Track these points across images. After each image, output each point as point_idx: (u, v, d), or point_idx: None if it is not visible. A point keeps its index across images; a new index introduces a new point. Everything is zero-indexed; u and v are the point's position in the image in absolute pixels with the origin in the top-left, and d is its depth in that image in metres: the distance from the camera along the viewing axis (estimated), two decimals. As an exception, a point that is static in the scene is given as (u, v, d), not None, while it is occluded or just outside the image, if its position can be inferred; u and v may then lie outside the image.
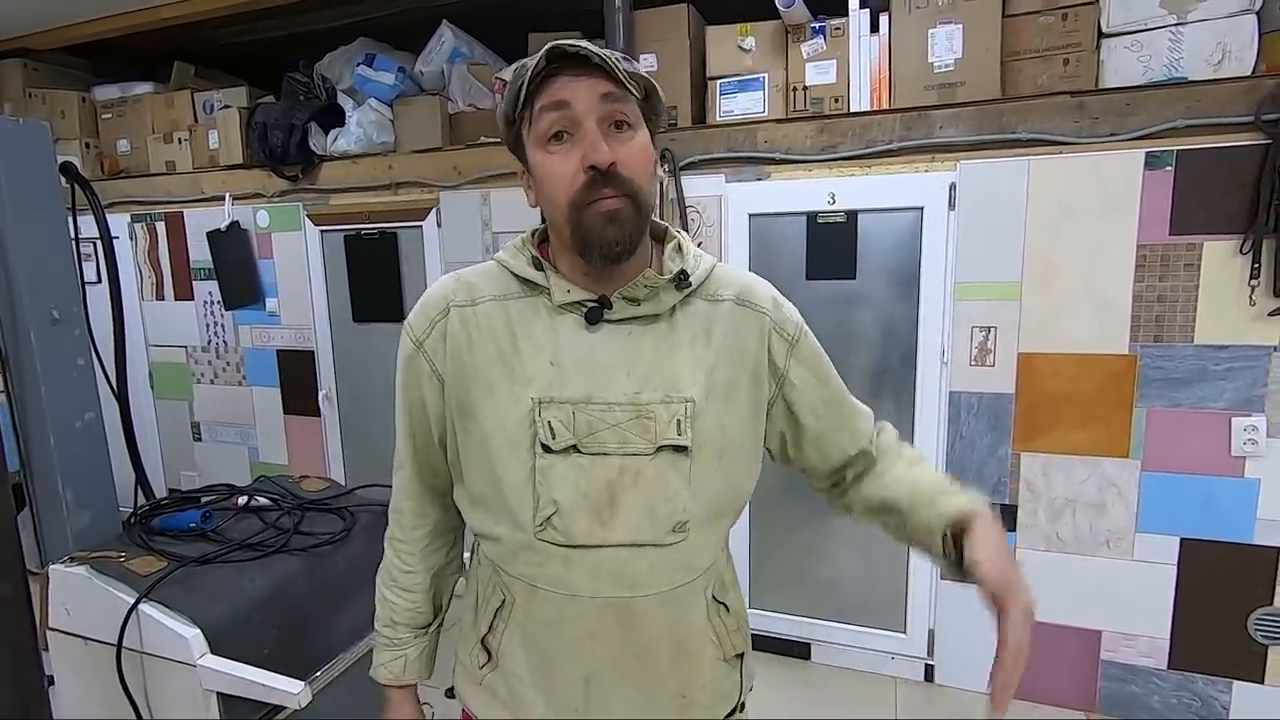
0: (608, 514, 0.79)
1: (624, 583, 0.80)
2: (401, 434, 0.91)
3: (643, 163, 0.79)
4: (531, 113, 0.78)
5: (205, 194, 3.06)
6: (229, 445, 3.24)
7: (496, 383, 0.81)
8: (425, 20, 2.86)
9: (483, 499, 0.84)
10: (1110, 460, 2.02)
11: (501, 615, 0.86)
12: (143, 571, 1.37)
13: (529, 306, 0.83)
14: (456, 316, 0.84)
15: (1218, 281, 1.87)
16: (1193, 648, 2.01)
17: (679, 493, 0.81)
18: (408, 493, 0.94)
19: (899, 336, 2.18)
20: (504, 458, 0.80)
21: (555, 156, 0.77)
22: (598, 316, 0.81)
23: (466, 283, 0.86)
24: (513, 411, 0.80)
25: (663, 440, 0.80)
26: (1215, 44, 1.87)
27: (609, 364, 0.81)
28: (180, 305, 3.20)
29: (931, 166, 2.09)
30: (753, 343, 0.86)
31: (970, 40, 2.04)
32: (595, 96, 0.75)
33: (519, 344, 0.82)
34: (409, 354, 0.87)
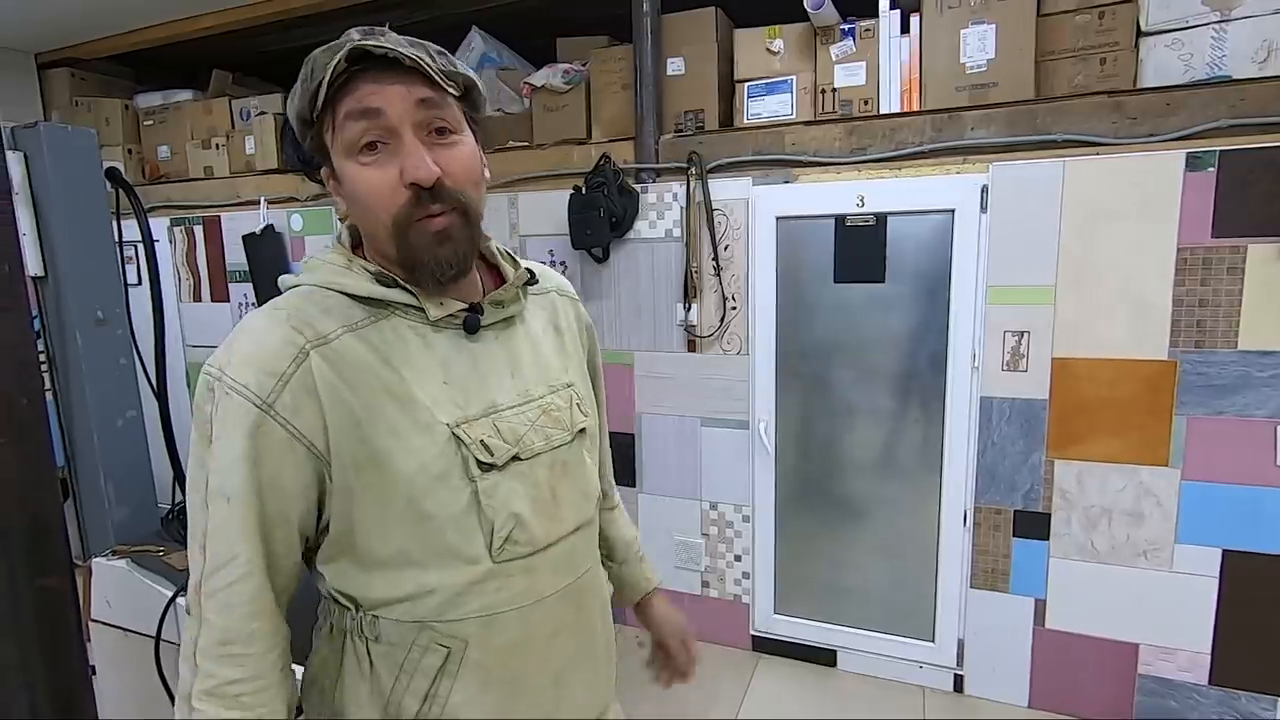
0: (554, 509, 0.80)
1: (573, 566, 0.84)
2: (237, 531, 0.69)
3: (469, 172, 0.73)
4: (335, 118, 0.70)
5: (241, 198, 3.13)
6: (262, 444, 3.30)
7: (397, 421, 0.71)
8: (454, 26, 2.89)
9: (397, 558, 0.73)
10: (1148, 469, 1.97)
11: (446, 672, 0.75)
12: (181, 566, 1.41)
13: (386, 329, 0.74)
14: (320, 360, 0.69)
15: (1263, 285, 1.81)
16: (1236, 663, 1.95)
17: (591, 470, 0.87)
18: (255, 609, 0.70)
19: (929, 341, 2.16)
20: (435, 496, 0.72)
21: (370, 169, 0.70)
22: (476, 325, 0.77)
23: (302, 317, 0.71)
24: (430, 445, 0.72)
25: (576, 425, 0.84)
26: (1260, 41, 1.82)
27: (493, 370, 0.79)
28: (217, 307, 3.28)
29: (963, 168, 2.06)
30: (575, 326, 0.95)
31: (1004, 40, 2.01)
32: (411, 102, 0.69)
33: (402, 373, 0.73)
34: (252, 421, 0.67)
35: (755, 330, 2.33)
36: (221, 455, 0.69)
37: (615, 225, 2.38)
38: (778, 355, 2.32)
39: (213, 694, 0.69)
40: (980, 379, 2.10)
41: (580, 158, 2.49)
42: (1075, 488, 2.04)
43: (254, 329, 0.72)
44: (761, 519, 2.42)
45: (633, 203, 2.40)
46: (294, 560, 0.75)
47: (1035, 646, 2.14)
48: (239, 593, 0.69)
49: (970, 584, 2.19)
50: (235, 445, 0.68)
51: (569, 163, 2.51)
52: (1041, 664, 2.14)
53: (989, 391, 2.10)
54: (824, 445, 2.33)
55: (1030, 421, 2.06)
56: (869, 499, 2.30)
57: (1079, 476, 2.04)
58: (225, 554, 0.69)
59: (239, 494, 0.69)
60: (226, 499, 0.69)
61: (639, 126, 2.39)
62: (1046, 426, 2.05)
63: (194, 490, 0.71)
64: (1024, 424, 2.07)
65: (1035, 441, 2.07)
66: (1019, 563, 2.13)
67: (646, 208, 2.41)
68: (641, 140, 2.40)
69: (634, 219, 2.41)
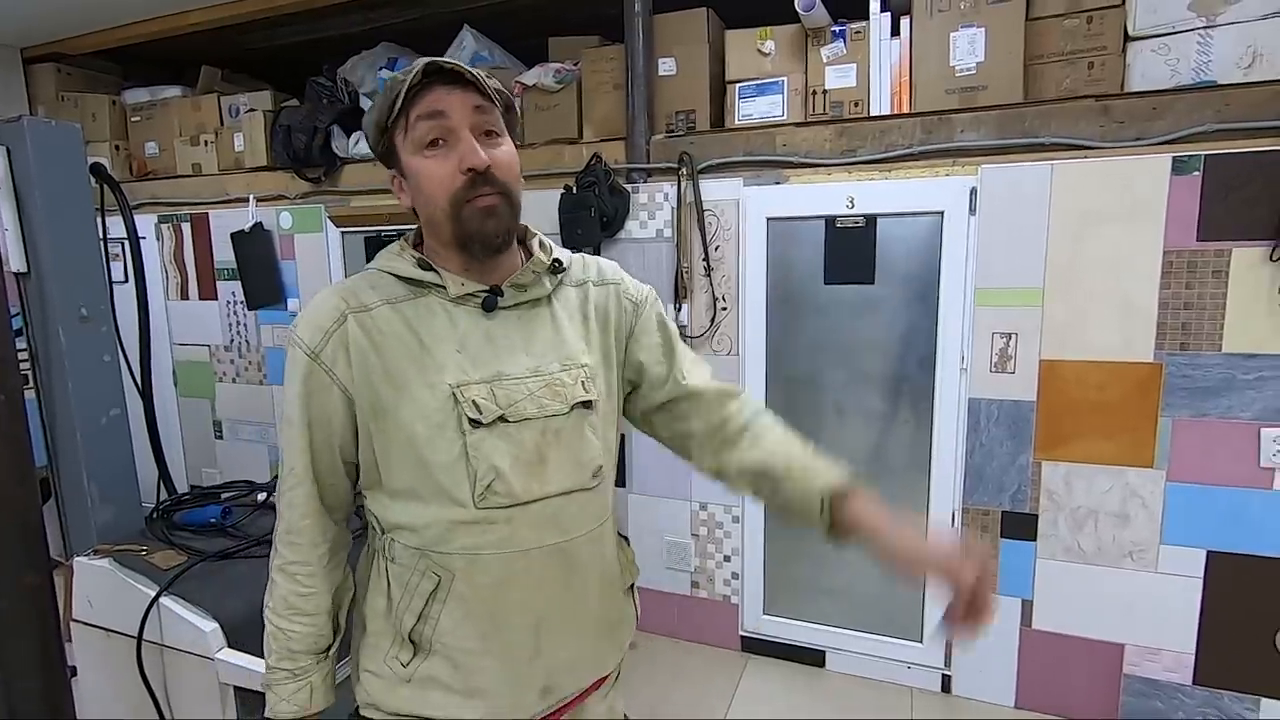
0: (539, 469, 0.90)
1: (560, 528, 0.91)
2: (296, 449, 0.90)
3: (511, 166, 0.89)
4: (407, 121, 0.86)
5: (230, 196, 3.11)
6: (249, 444, 3.28)
7: (409, 379, 0.87)
8: (445, 24, 2.88)
9: (408, 491, 0.88)
10: (1134, 470, 1.98)
11: (436, 598, 0.89)
12: (164, 565, 1.40)
13: (421, 305, 0.90)
14: (355, 323, 0.87)
15: (1247, 289, 1.83)
16: (1219, 663, 1.97)
17: (592, 442, 0.94)
18: (306, 510, 0.92)
19: (918, 342, 2.16)
20: (432, 444, 0.86)
21: (433, 160, 0.86)
22: (493, 304, 0.90)
23: (351, 292, 0.90)
24: (431, 400, 0.86)
25: (575, 399, 0.92)
26: (1246, 47, 1.84)
27: (508, 344, 0.91)
28: (204, 305, 3.25)
29: (952, 171, 2.07)
30: (613, 311, 1.01)
31: (993, 43, 2.02)
32: (469, 108, 0.85)
33: (424, 340, 0.88)
34: (304, 367, 0.88)
35: (745, 331, 2.33)
36: (288, 390, 0.90)
37: (606, 225, 2.38)
38: (768, 356, 2.33)
39: (281, 569, 0.93)
40: (969, 380, 2.11)
41: (571, 157, 2.49)
42: (1063, 489, 2.06)
43: (318, 298, 0.91)
44: (751, 519, 2.42)
45: (624, 203, 2.39)
46: (342, 484, 0.93)
47: (1022, 647, 2.15)
48: (296, 496, 0.92)
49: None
50: (295, 384, 0.89)
51: (560, 162, 2.51)
52: (1028, 664, 2.15)
53: (977, 393, 2.11)
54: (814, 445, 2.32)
55: (1018, 423, 2.08)
56: (858, 500, 2.30)
57: (1066, 478, 2.05)
58: (289, 465, 0.91)
59: (296, 421, 0.89)
60: (290, 423, 0.90)
61: (630, 126, 2.39)
62: (1034, 428, 2.06)
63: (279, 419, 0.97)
64: (1012, 425, 2.08)
65: (1023, 443, 2.08)
66: (1006, 563, 2.14)
67: (637, 208, 2.41)
68: (633, 140, 2.39)
69: (625, 219, 2.41)
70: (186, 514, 1.56)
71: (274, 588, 0.94)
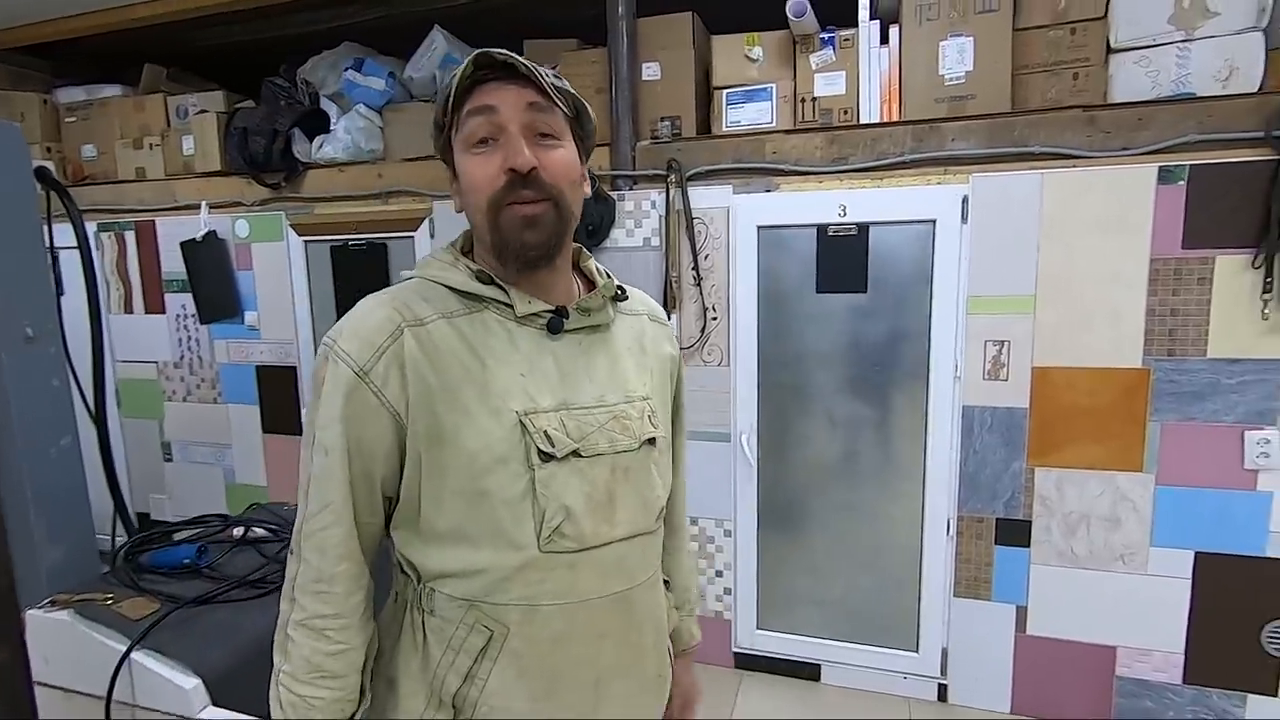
0: (608, 511, 0.82)
1: (625, 574, 0.85)
2: (334, 482, 0.77)
3: (566, 170, 0.80)
4: (459, 117, 0.80)
5: (179, 202, 2.91)
6: (202, 465, 3.07)
7: (470, 402, 0.78)
8: (412, 25, 2.77)
9: (454, 533, 0.79)
10: (1124, 474, 2.01)
11: (487, 655, 0.80)
12: (134, 615, 1.25)
13: (477, 321, 0.82)
14: (411, 338, 0.78)
15: (1230, 296, 1.88)
16: (1207, 662, 2.01)
17: (656, 481, 0.89)
18: (342, 553, 0.79)
19: (911, 350, 2.16)
20: (495, 477, 0.78)
21: (478, 158, 0.79)
22: (559, 326, 0.83)
23: (404, 303, 0.80)
24: (497, 428, 0.78)
25: (644, 435, 0.86)
26: (1223, 60, 1.89)
27: (572, 371, 0.84)
28: (151, 319, 3.03)
29: (943, 179, 2.07)
30: (669, 351, 0.98)
31: (981, 53, 2.03)
32: (521, 104, 0.78)
33: (484, 360, 0.80)
34: (349, 385, 0.76)
35: (736, 341, 2.29)
36: (324, 412, 0.78)
37: (592, 233, 2.30)
38: (759, 366, 2.29)
39: (304, 625, 0.79)
40: (962, 388, 2.11)
41: (553, 163, 2.40)
42: (1055, 494, 2.07)
43: (364, 308, 0.81)
44: (743, 533, 2.37)
45: (609, 210, 2.32)
46: (377, 520, 0.82)
47: (1017, 653, 2.16)
48: (330, 537, 0.78)
49: (953, 593, 2.20)
50: (335, 405, 0.77)
51: (541, 168, 2.42)
52: (1023, 670, 2.16)
53: (970, 400, 2.11)
54: (806, 457, 2.30)
55: (1011, 430, 2.08)
56: (852, 510, 2.28)
57: (1058, 483, 2.07)
58: (321, 501, 0.78)
59: (335, 449, 0.77)
60: (325, 451, 0.78)
61: (614, 132, 2.32)
62: (1027, 434, 2.07)
63: (304, 444, 0.81)
64: (1005, 432, 2.09)
65: (1016, 449, 2.09)
66: (1000, 570, 2.15)
67: (624, 215, 2.35)
68: (617, 146, 2.33)
69: (610, 227, 2.34)
70: (156, 555, 1.41)
71: (293, 649, 0.79)
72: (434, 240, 2.59)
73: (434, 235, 2.58)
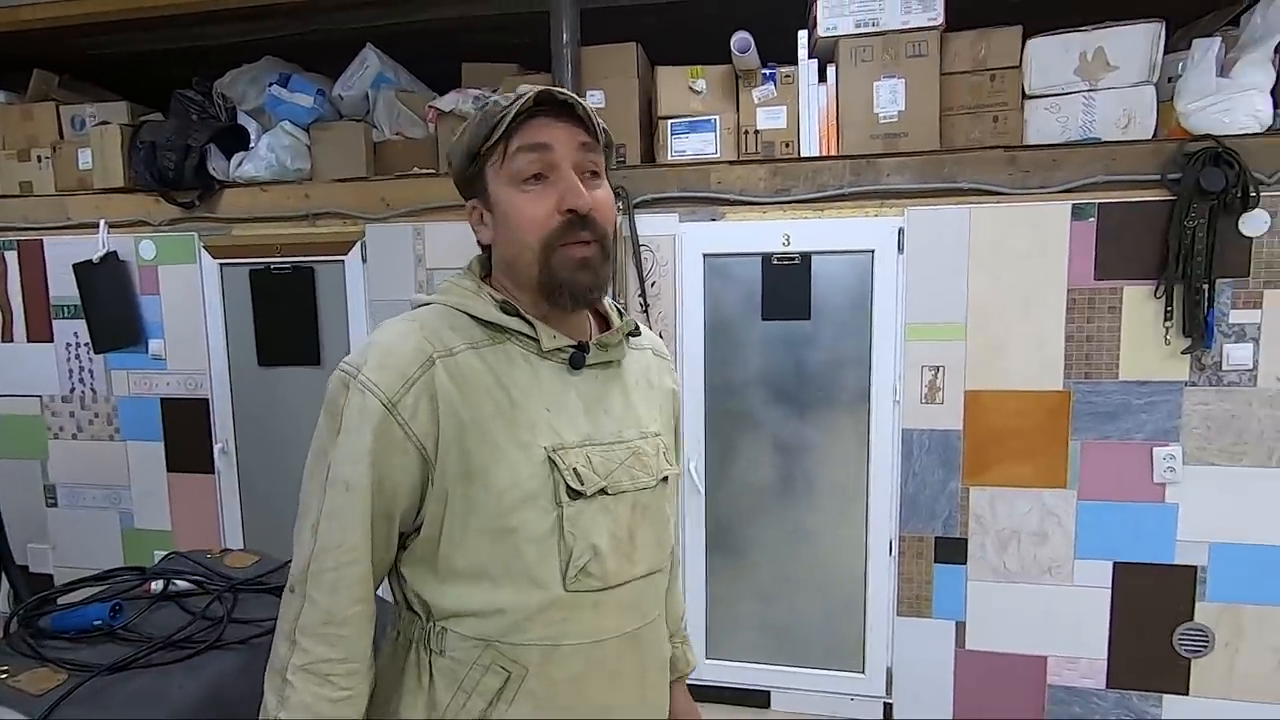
0: (630, 549, 0.82)
1: (639, 612, 0.85)
2: (355, 519, 0.75)
3: (611, 213, 0.83)
4: (506, 150, 0.79)
5: (73, 220, 2.66)
6: (94, 510, 2.77)
7: (500, 437, 0.77)
8: (340, 42, 2.67)
9: (475, 571, 0.77)
10: (1050, 491, 2.13)
11: (503, 696, 0.78)
12: (36, 690, 1.09)
13: (501, 353, 0.81)
14: (443, 370, 0.76)
15: (1137, 323, 2.04)
16: (1127, 666, 2.14)
17: (669, 517, 0.90)
18: (359, 594, 0.76)
19: (852, 376, 2.22)
20: (523, 514, 0.76)
21: (529, 196, 0.78)
22: (581, 362, 0.83)
23: (433, 330, 0.79)
24: (526, 464, 0.77)
25: (660, 472, 0.87)
26: (1122, 110, 2.08)
27: (592, 407, 0.84)
28: (35, 348, 2.73)
29: (880, 211, 2.16)
30: (669, 385, 0.99)
31: (912, 94, 2.15)
32: (575, 144, 0.79)
33: (511, 394, 0.79)
34: (378, 418, 0.74)
35: (684, 367, 2.29)
36: (347, 445, 0.74)
37: (537, 259, 2.26)
38: (706, 393, 2.29)
39: (306, 669, 0.75)
40: (901, 412, 2.19)
41: (495, 188, 2.35)
42: (988, 512, 2.17)
43: (392, 335, 0.78)
44: (693, 560, 2.35)
45: (554, 236, 2.29)
46: (390, 557, 0.80)
47: (957, 668, 2.23)
48: (347, 576, 0.75)
49: (896, 612, 2.25)
50: (363, 439, 0.74)
51: (483, 193, 2.36)
52: (963, 684, 2.23)
53: (909, 424, 2.19)
54: (753, 482, 2.32)
55: (947, 451, 2.17)
56: (798, 534, 2.31)
57: (991, 501, 2.17)
58: (337, 538, 0.75)
59: (359, 485, 0.74)
60: (346, 486, 0.74)
61: (559, 158, 2.30)
62: (961, 456, 2.17)
63: (312, 477, 0.77)
64: (942, 454, 2.18)
65: (952, 470, 2.18)
66: (940, 587, 2.22)
67: (569, 242, 2.31)
68: (562, 172, 2.30)
69: (555, 253, 2.30)
70: (59, 617, 1.24)
71: (291, 695, 0.74)
72: (366, 265, 2.47)
73: (366, 260, 2.47)
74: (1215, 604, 2.06)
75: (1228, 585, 2.05)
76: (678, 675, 1.08)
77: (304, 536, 0.77)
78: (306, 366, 2.52)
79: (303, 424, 2.57)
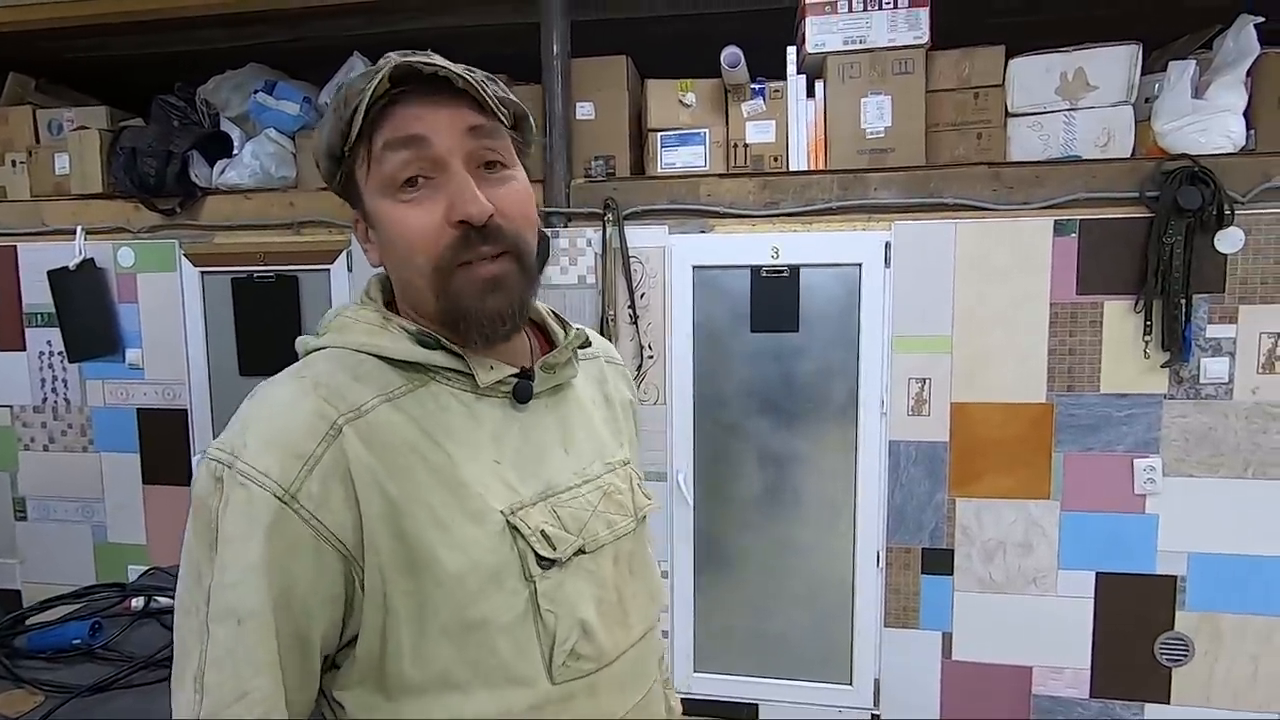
0: (621, 613, 0.69)
1: (641, 682, 0.71)
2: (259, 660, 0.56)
3: (524, 211, 0.64)
4: (371, 150, 0.61)
5: (48, 227, 2.60)
6: (66, 524, 2.70)
7: (441, 510, 0.60)
8: (326, 50, 2.65)
9: (438, 680, 0.60)
10: (1034, 502, 2.15)
11: None
12: (12, 713, 1.06)
13: (426, 399, 0.63)
14: (354, 436, 0.58)
15: (1117, 337, 2.08)
16: (1110, 675, 2.16)
17: (653, 562, 0.78)
18: None
19: (840, 388, 2.23)
20: (488, 600, 0.60)
21: (409, 207, 0.61)
22: (528, 393, 0.67)
23: (332, 386, 0.60)
24: (481, 538, 0.60)
25: (639, 509, 0.74)
26: (1101, 129, 2.13)
27: (546, 445, 0.68)
28: (6, 356, 2.66)
29: (868, 225, 2.18)
30: (626, 395, 0.85)
31: (898, 111, 2.18)
32: (461, 130, 0.60)
33: (447, 449, 0.62)
34: (272, 516, 0.55)
35: (673, 379, 2.29)
36: (232, 564, 0.55)
37: (526, 270, 2.25)
38: (695, 405, 2.29)
39: None
40: (888, 424, 2.20)
41: (484, 198, 2.34)
42: (975, 523, 2.19)
43: (273, 401, 0.60)
44: (680, 575, 2.34)
45: (544, 247, 2.28)
46: (309, 693, 0.61)
47: (944, 678, 2.24)
48: None
49: (884, 623, 2.26)
50: (251, 550, 0.55)
51: (471, 203, 2.35)
52: (950, 695, 2.24)
53: (896, 435, 2.21)
54: (742, 494, 2.32)
55: (934, 463, 2.19)
56: (787, 546, 2.31)
57: (977, 513, 2.19)
58: (233, 691, 0.55)
59: (254, 613, 0.55)
60: (237, 620, 0.55)
61: (549, 169, 2.30)
62: (948, 467, 2.19)
63: (187, 612, 0.57)
64: (928, 465, 2.20)
65: (938, 482, 2.20)
66: (927, 599, 2.23)
67: (558, 253, 2.31)
68: (551, 183, 2.30)
69: (544, 264, 2.30)
70: (36, 637, 1.20)
71: None
72: (352, 274, 2.44)
73: (352, 269, 2.44)
74: (1195, 613, 2.10)
75: (1206, 595, 2.09)
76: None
77: (183, 693, 0.56)
78: (289, 377, 2.48)
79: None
